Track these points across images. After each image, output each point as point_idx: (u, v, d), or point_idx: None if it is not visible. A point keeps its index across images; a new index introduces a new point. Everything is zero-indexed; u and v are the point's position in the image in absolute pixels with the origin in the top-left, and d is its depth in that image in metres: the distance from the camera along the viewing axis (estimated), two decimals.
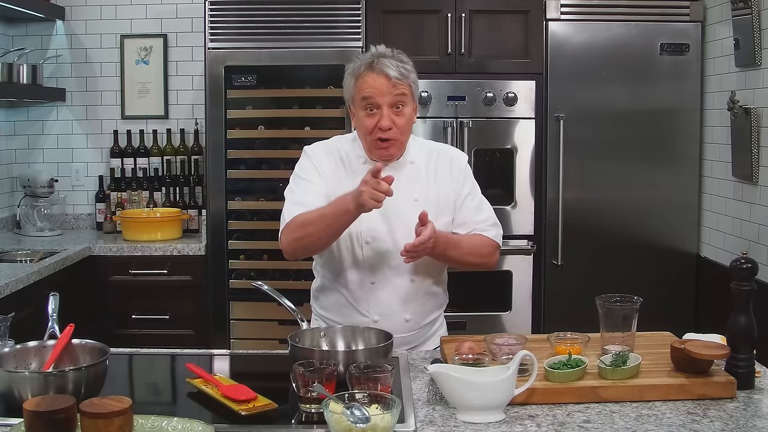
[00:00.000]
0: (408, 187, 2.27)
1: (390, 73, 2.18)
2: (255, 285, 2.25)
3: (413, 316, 2.31)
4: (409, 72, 2.24)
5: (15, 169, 4.50)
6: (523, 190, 3.95)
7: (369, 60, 2.22)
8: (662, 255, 3.99)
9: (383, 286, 2.27)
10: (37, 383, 1.67)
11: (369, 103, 2.21)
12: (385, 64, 2.19)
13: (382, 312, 2.27)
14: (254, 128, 4.03)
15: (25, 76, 4.07)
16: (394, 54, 2.25)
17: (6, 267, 3.43)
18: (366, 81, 2.21)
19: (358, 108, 2.25)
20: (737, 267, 1.89)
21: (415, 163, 2.32)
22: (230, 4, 3.92)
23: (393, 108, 2.21)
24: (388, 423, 1.52)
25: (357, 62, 2.26)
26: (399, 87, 2.20)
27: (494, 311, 3.97)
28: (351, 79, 2.26)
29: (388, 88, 2.19)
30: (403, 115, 2.23)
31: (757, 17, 3.36)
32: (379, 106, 2.20)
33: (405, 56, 2.27)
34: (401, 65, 2.22)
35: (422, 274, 2.30)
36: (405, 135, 2.27)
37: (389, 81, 2.18)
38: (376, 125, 2.20)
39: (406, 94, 2.22)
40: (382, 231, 2.25)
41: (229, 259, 3.96)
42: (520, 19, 3.93)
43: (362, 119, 2.24)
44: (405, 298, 2.29)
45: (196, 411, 1.75)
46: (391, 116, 2.20)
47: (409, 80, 2.23)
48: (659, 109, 3.95)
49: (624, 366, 1.85)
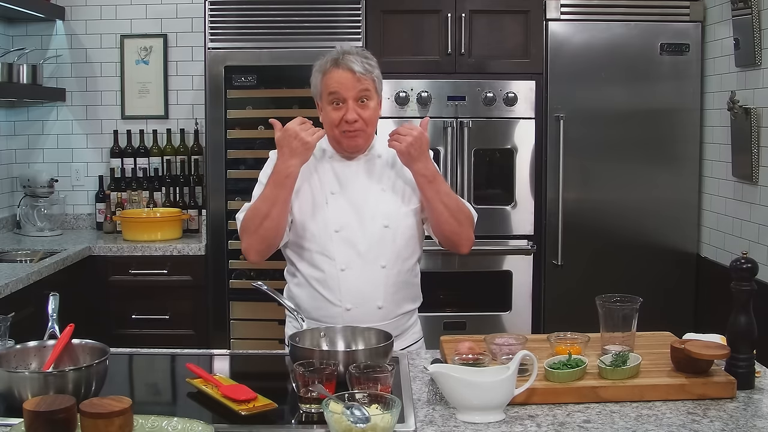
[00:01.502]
0: (376, 179, 2.38)
1: (355, 68, 2.28)
2: (255, 285, 2.25)
3: (385, 303, 2.31)
4: (373, 68, 2.34)
5: (15, 169, 4.50)
6: (523, 190, 3.95)
7: (334, 57, 2.32)
8: (662, 255, 3.99)
9: (353, 273, 2.29)
10: (37, 383, 1.67)
11: (335, 98, 2.30)
12: (350, 60, 2.29)
13: (353, 300, 2.29)
14: (254, 128, 4.03)
15: (25, 76, 4.08)
16: (359, 51, 2.36)
17: (6, 267, 3.43)
18: (332, 76, 2.30)
19: (324, 103, 2.34)
20: (737, 267, 1.89)
21: (382, 156, 2.41)
22: (230, 4, 3.92)
23: (358, 102, 2.30)
24: (388, 423, 1.52)
25: (323, 59, 2.36)
26: (363, 82, 2.29)
27: (494, 311, 3.97)
28: (318, 75, 2.35)
29: (353, 83, 2.28)
30: (368, 108, 2.32)
31: (757, 17, 3.36)
32: (345, 100, 2.29)
33: (369, 53, 2.39)
34: (365, 61, 2.32)
35: (392, 260, 2.32)
36: (371, 127, 2.35)
37: (354, 75, 2.28)
38: (342, 118, 2.30)
39: (369, 89, 2.32)
40: (351, 220, 2.32)
41: (229, 259, 3.96)
42: (520, 19, 3.93)
43: (329, 113, 2.32)
44: (376, 285, 2.30)
45: (196, 411, 1.75)
46: (356, 109, 2.29)
47: (373, 75, 2.33)
48: (659, 109, 3.95)
49: (624, 366, 1.85)
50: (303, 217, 2.33)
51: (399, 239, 2.33)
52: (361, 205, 2.33)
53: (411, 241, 2.37)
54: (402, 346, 2.34)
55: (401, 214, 2.35)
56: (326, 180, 2.36)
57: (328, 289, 2.31)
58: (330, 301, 2.30)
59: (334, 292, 2.30)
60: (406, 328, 2.42)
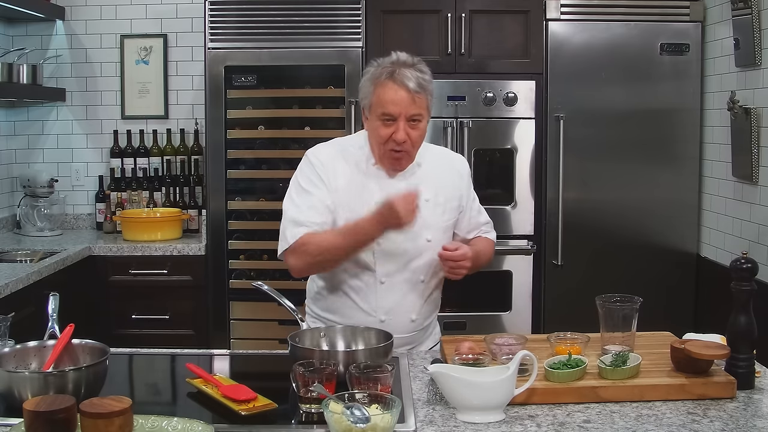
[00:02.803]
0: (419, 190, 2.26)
1: (410, 85, 2.15)
2: (255, 285, 2.26)
3: (419, 316, 2.31)
4: (428, 83, 2.21)
5: (15, 169, 4.50)
6: (523, 190, 3.95)
7: (390, 69, 2.19)
8: (662, 255, 3.99)
9: (393, 285, 2.27)
10: (37, 383, 1.67)
11: (387, 115, 2.18)
12: (406, 75, 2.16)
13: (389, 311, 2.27)
14: (254, 128, 4.03)
15: (25, 76, 4.08)
16: (415, 63, 2.22)
17: (6, 267, 3.43)
18: (386, 91, 2.18)
19: (373, 115, 2.22)
20: (737, 267, 1.90)
21: (423, 166, 2.33)
22: (230, 4, 3.92)
23: (409, 121, 2.19)
24: (388, 423, 1.52)
25: (377, 68, 2.22)
26: (417, 101, 2.17)
27: (494, 311, 3.97)
28: (369, 84, 2.22)
29: (408, 102, 2.16)
30: (418, 129, 2.21)
31: (757, 17, 3.36)
32: (396, 119, 2.18)
33: (425, 66, 2.25)
34: (421, 76, 2.19)
35: (430, 274, 2.31)
36: (417, 148, 2.26)
37: (409, 94, 2.16)
38: (391, 136, 2.19)
39: (422, 110, 2.20)
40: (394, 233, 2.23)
41: (229, 259, 3.96)
42: (520, 19, 3.92)
43: (377, 128, 2.21)
44: (413, 298, 2.30)
45: (196, 411, 1.75)
46: (407, 129, 2.18)
47: (428, 92, 2.21)
48: (659, 109, 3.94)
49: (624, 366, 1.85)
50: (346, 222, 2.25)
51: (437, 253, 2.26)
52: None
53: None
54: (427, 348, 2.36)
55: (441, 228, 2.32)
56: (369, 191, 2.26)
57: (365, 299, 2.28)
58: (365, 311, 2.28)
59: (371, 303, 2.27)
60: (430, 332, 2.43)
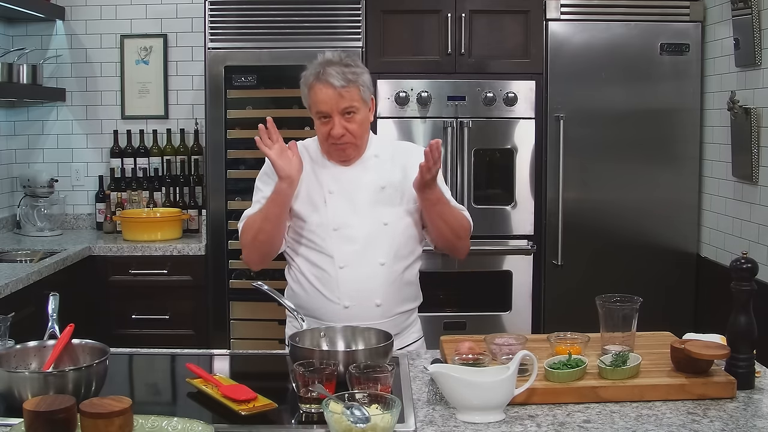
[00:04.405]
0: (374, 177, 2.36)
1: (335, 83, 2.24)
2: (255, 285, 2.26)
3: (384, 302, 2.31)
4: (357, 75, 2.28)
5: (15, 169, 4.50)
6: (523, 190, 3.95)
7: (316, 70, 2.28)
8: (662, 255, 3.99)
9: (352, 270, 2.30)
10: (37, 383, 1.67)
11: (320, 114, 2.29)
12: (330, 73, 2.24)
13: (351, 297, 2.29)
14: (254, 128, 3.95)
15: (25, 76, 4.08)
16: (342, 59, 2.29)
17: (6, 267, 3.43)
18: (315, 92, 2.28)
19: (313, 116, 2.33)
20: (737, 267, 1.90)
21: (379, 156, 2.40)
22: (230, 4, 3.92)
23: (344, 115, 2.27)
24: (388, 423, 1.52)
25: (307, 71, 2.32)
26: (346, 96, 2.25)
27: (494, 311, 3.97)
28: (304, 88, 2.33)
29: (336, 99, 2.25)
30: (355, 120, 2.29)
31: (757, 17, 3.36)
32: (330, 116, 2.27)
33: (353, 59, 2.32)
34: (347, 71, 2.25)
35: (391, 258, 2.32)
36: (360, 137, 2.33)
37: (335, 90, 2.24)
38: (329, 133, 2.28)
39: (354, 102, 2.27)
40: (349, 218, 2.32)
41: (229, 259, 3.95)
42: (520, 19, 3.92)
43: (318, 127, 2.33)
44: (374, 282, 2.30)
45: (196, 411, 1.75)
46: (342, 123, 2.27)
47: (358, 83, 2.27)
48: (659, 109, 3.95)
49: (624, 366, 1.85)
50: (302, 217, 2.34)
51: (398, 237, 2.34)
52: (360, 203, 2.33)
53: (410, 240, 2.37)
54: (401, 345, 2.34)
55: (400, 212, 2.35)
56: (324, 181, 2.36)
57: (327, 287, 2.31)
58: (328, 298, 2.31)
59: (333, 290, 2.30)
60: (406, 326, 2.42)
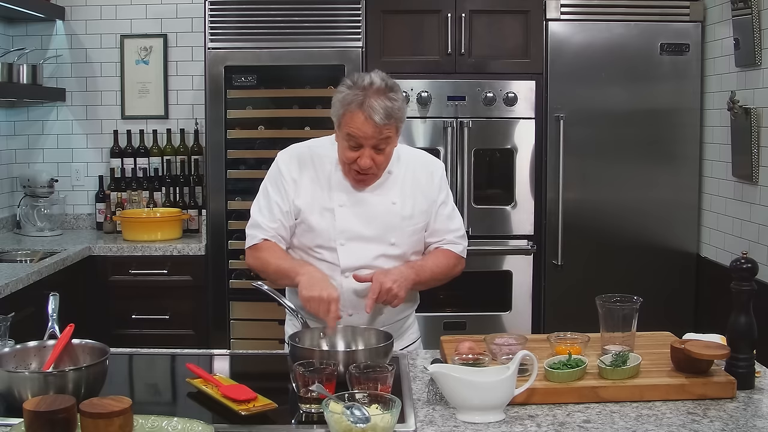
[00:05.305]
0: (386, 193, 2.31)
1: (376, 119, 2.12)
2: (255, 285, 2.25)
3: (387, 310, 2.31)
4: (398, 110, 2.17)
5: (15, 169, 4.50)
6: (523, 190, 3.95)
7: (359, 98, 2.15)
8: (662, 255, 3.99)
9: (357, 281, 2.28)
10: (37, 383, 1.67)
11: (352, 139, 2.19)
12: (374, 107, 2.12)
13: (355, 306, 2.27)
14: (254, 128, 4.03)
15: (25, 76, 4.07)
16: (386, 87, 2.17)
17: (6, 267, 3.43)
18: (353, 119, 2.16)
19: (341, 137, 2.23)
20: (737, 267, 1.90)
21: (393, 173, 2.34)
22: (230, 4, 3.92)
23: (376, 148, 2.20)
24: (388, 423, 1.52)
25: (347, 92, 2.18)
26: (384, 132, 2.16)
27: (494, 311, 3.97)
28: (339, 106, 2.20)
29: (374, 132, 2.15)
30: (384, 154, 2.22)
31: (757, 17, 3.35)
32: (362, 146, 2.19)
33: (396, 90, 2.20)
34: (390, 106, 2.14)
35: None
36: (383, 169, 2.28)
37: (376, 127, 2.14)
38: (356, 161, 2.21)
39: (390, 136, 2.20)
40: (358, 232, 2.28)
41: (229, 259, 3.96)
42: (520, 19, 3.92)
43: (344, 148, 2.23)
44: None
45: (196, 411, 1.75)
46: (372, 155, 2.19)
47: (396, 119, 2.18)
48: (659, 109, 3.94)
49: (624, 366, 1.85)
50: (310, 223, 2.29)
51: (404, 254, 2.32)
52: (372, 219, 2.29)
53: (414, 255, 2.36)
54: (399, 347, 2.33)
55: (408, 231, 2.32)
56: (335, 192, 2.30)
57: None
58: None
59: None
60: (405, 329, 2.42)
